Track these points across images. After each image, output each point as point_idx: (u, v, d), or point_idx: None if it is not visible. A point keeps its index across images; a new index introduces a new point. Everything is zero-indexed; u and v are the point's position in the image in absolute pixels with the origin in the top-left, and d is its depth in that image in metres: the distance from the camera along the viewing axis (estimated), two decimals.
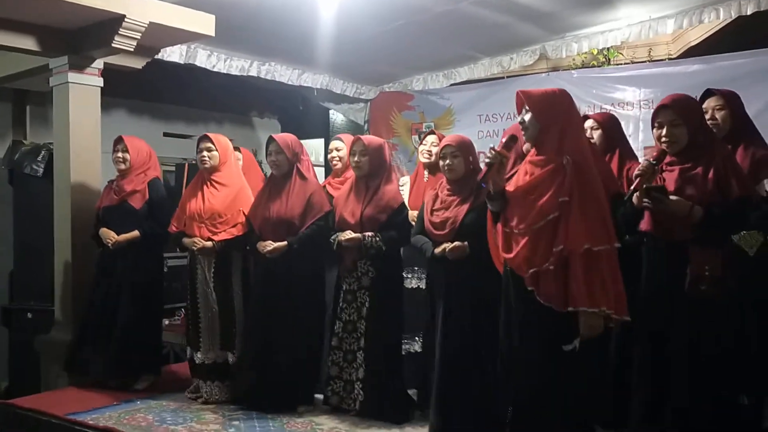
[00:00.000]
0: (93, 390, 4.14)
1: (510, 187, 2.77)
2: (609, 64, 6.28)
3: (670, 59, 6.19)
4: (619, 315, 2.56)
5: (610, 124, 3.53)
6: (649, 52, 6.42)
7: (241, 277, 4.04)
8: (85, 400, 3.95)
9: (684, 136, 2.80)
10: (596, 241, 2.52)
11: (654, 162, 2.81)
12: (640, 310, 2.89)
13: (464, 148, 3.39)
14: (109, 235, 4.18)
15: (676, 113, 2.80)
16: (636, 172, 2.83)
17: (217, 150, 4.03)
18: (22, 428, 3.83)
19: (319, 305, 3.88)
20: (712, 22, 5.10)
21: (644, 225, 2.89)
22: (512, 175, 2.87)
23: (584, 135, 2.86)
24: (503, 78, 6.22)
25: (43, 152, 5.35)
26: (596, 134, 3.47)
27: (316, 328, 3.85)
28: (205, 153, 4.03)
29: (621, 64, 6.26)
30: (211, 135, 4.09)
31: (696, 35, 6.15)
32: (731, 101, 3.16)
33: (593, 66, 6.28)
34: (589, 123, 3.50)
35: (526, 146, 2.97)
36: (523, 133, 2.81)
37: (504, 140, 2.90)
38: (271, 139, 3.94)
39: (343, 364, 3.70)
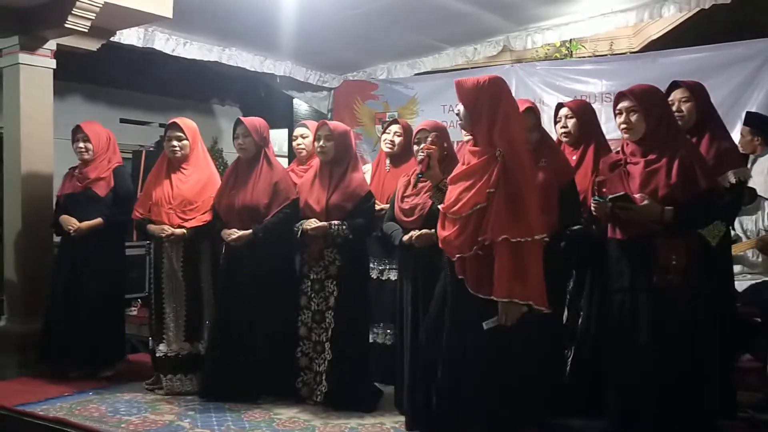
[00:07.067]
0: (44, 380, 4.03)
1: (452, 173, 2.87)
2: (571, 56, 6.33)
3: (631, 53, 6.26)
4: (538, 305, 2.58)
5: (584, 113, 3.47)
6: (611, 45, 6.50)
7: (210, 266, 3.92)
8: (36, 391, 3.83)
9: (641, 123, 2.85)
10: (515, 232, 2.55)
11: (600, 199, 2.86)
12: (608, 305, 2.94)
13: (439, 134, 3.33)
14: (71, 222, 4.07)
15: (632, 100, 2.87)
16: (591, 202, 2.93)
17: (187, 138, 3.90)
18: None
19: (286, 294, 3.73)
20: (673, 15, 5.17)
21: (610, 233, 2.92)
22: None
23: (517, 125, 2.77)
24: (468, 69, 6.21)
25: None
26: (570, 123, 3.43)
27: (284, 318, 3.72)
28: (175, 142, 3.88)
29: (583, 57, 6.31)
30: (179, 121, 3.91)
31: (656, 29, 6.24)
32: (697, 93, 3.16)
33: (556, 58, 6.32)
34: (563, 111, 3.46)
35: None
36: (460, 123, 2.89)
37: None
38: (238, 122, 3.82)
39: (313, 354, 3.62)
